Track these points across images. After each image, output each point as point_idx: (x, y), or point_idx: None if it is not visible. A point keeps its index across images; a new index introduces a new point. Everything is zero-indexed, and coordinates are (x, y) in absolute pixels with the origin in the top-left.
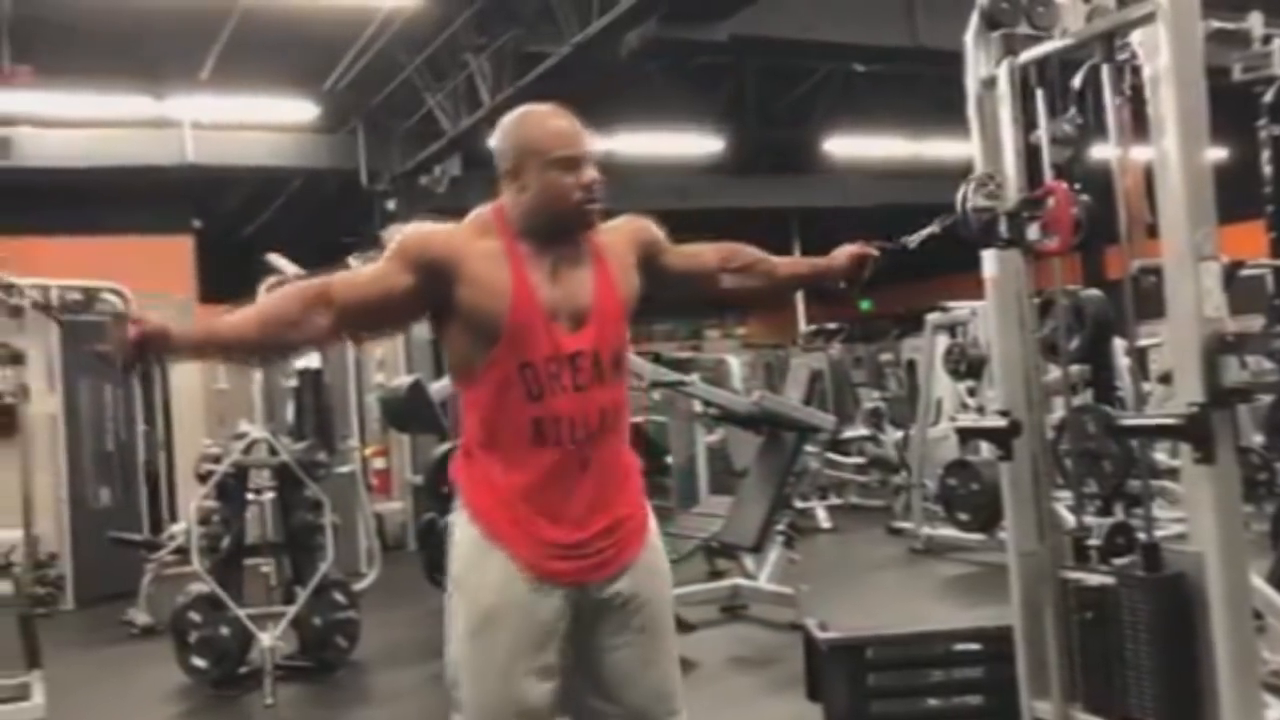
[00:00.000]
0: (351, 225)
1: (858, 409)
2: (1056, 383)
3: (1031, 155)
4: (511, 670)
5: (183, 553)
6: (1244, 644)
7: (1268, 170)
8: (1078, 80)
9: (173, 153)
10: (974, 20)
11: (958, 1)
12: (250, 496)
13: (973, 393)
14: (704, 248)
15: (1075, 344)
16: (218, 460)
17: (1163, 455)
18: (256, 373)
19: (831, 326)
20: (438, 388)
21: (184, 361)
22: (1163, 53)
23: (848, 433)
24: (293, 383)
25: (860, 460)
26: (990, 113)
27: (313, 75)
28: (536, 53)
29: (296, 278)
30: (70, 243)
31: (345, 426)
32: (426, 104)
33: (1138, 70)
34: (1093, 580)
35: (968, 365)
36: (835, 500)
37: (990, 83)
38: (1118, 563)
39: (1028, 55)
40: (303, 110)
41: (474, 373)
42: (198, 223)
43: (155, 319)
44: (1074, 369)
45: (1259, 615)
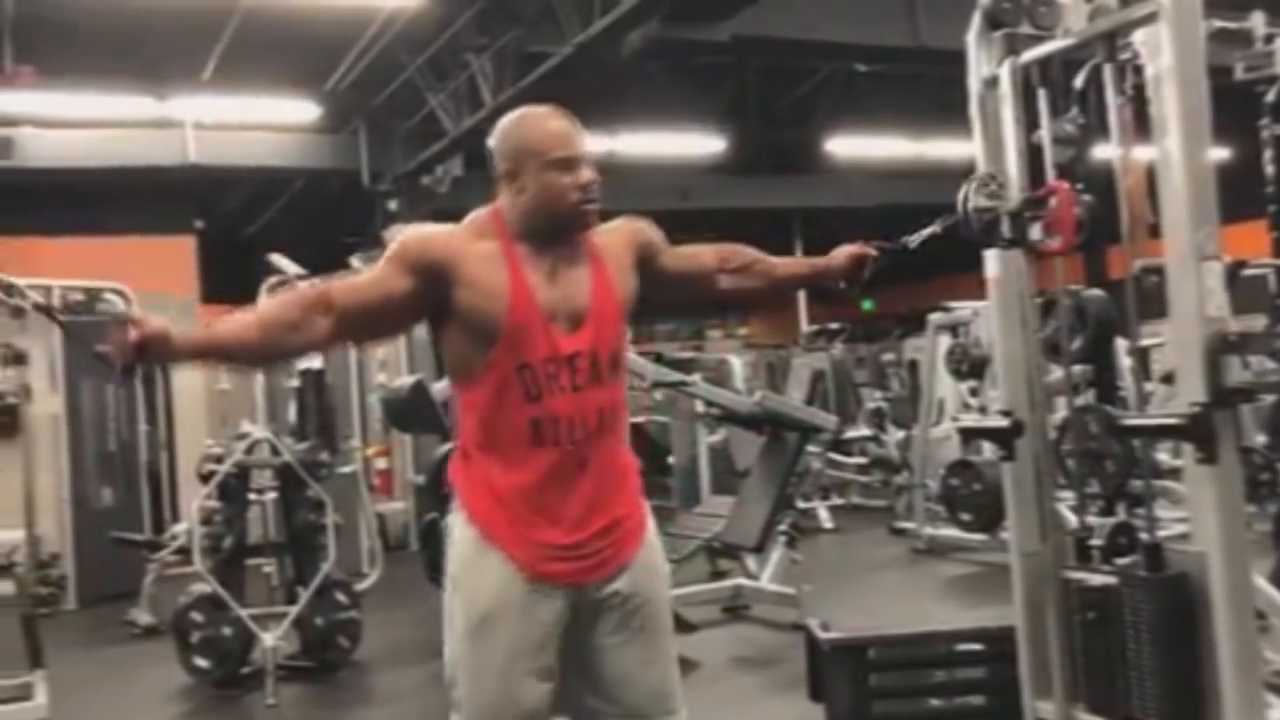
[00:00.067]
0: (353, 225)
1: (860, 409)
2: (1059, 383)
3: (1034, 155)
4: (509, 671)
5: (185, 553)
6: (1247, 644)
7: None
8: (1080, 80)
9: (175, 153)
10: (976, 20)
11: (959, 1)
12: (252, 496)
13: (975, 393)
14: (702, 249)
15: (1077, 344)
16: (220, 460)
17: (1165, 455)
18: (258, 374)
19: (833, 326)
20: (439, 388)
21: (184, 366)
22: (1165, 52)
23: (850, 433)
24: (295, 383)
25: (862, 460)
26: (992, 112)
27: (314, 75)
28: (538, 53)
29: (298, 278)
30: (72, 243)
31: (347, 426)
32: (428, 104)
33: (1140, 70)
34: (1095, 580)
35: (970, 365)
36: (837, 500)
37: (992, 82)
38: (1120, 563)
39: (1030, 55)
40: (304, 110)
41: (472, 374)
42: (200, 223)
43: (156, 322)
44: (1076, 369)
45: (1261, 615)
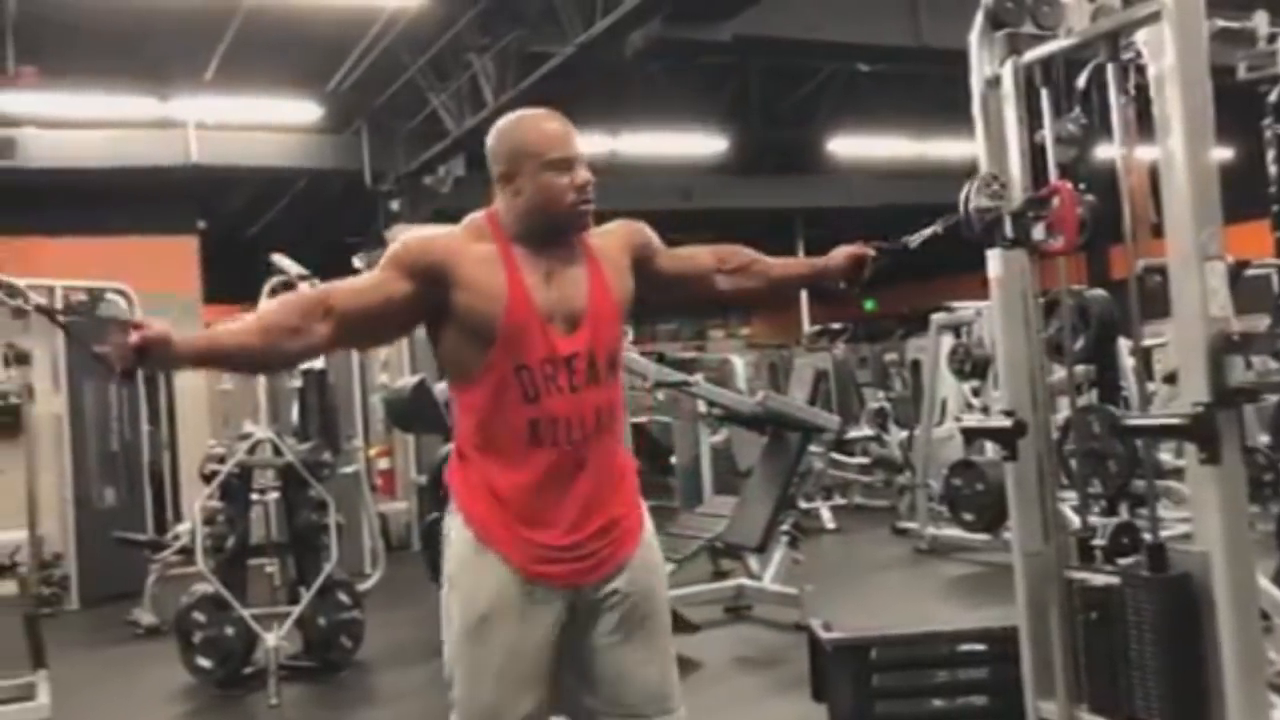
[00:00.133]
0: (356, 225)
1: (862, 409)
2: (1061, 383)
3: (1036, 155)
4: (507, 672)
5: (187, 553)
6: (1250, 644)
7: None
8: (1082, 80)
9: (177, 153)
10: (978, 20)
11: (962, 1)
12: (255, 497)
13: (977, 393)
14: (699, 250)
15: (1080, 344)
16: (222, 460)
17: (1168, 455)
18: (258, 377)
19: (836, 326)
20: (442, 388)
21: (185, 370)
22: (1167, 52)
23: (852, 433)
24: (297, 383)
25: (865, 460)
26: (995, 112)
27: (317, 76)
28: (540, 53)
29: (300, 278)
30: (74, 243)
31: (350, 427)
32: (430, 104)
33: (1142, 69)
34: (1098, 580)
35: (972, 365)
36: (840, 500)
37: (995, 82)
38: (1123, 563)
39: (1032, 55)
40: (307, 111)
41: (470, 375)
42: (202, 223)
43: (157, 325)
44: (1079, 369)
45: (1265, 616)
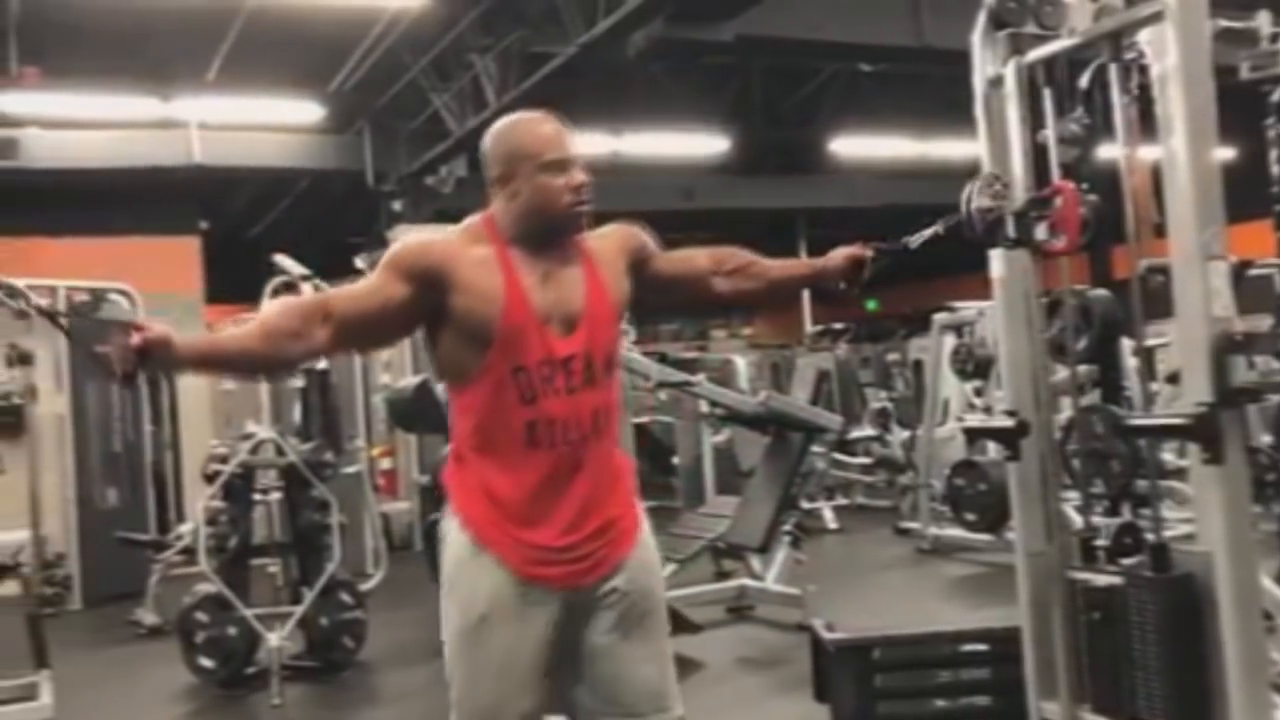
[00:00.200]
0: (358, 226)
1: (864, 409)
2: (1064, 383)
3: (1039, 155)
4: (504, 673)
5: (190, 553)
6: (1253, 644)
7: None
8: (1085, 79)
9: (179, 153)
10: (981, 20)
11: (964, 1)
12: (257, 497)
13: (980, 393)
14: (696, 252)
15: (1083, 344)
16: (225, 460)
17: (1170, 455)
18: (258, 381)
19: (838, 326)
20: (444, 388)
21: (186, 373)
22: (1170, 52)
23: (854, 433)
24: (300, 383)
25: (867, 460)
26: (997, 112)
27: (319, 76)
28: (542, 53)
29: (303, 278)
30: (77, 243)
31: (352, 427)
32: (432, 105)
33: (1145, 69)
34: (1101, 581)
35: (975, 365)
36: (842, 500)
37: (997, 82)
38: (1126, 563)
39: (1035, 54)
40: (309, 111)
41: (467, 377)
42: (204, 223)
43: (158, 327)
44: (1081, 369)
45: (1268, 616)
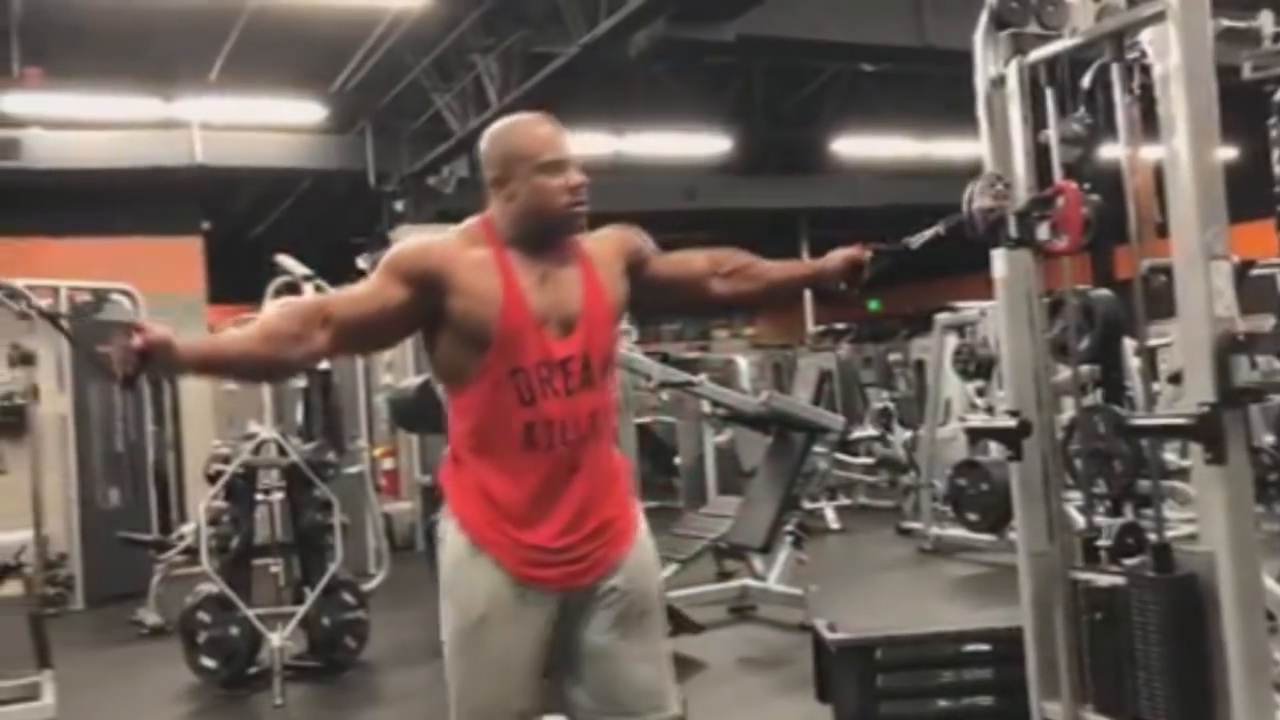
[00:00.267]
0: (360, 226)
1: (866, 409)
2: (1066, 383)
3: (1041, 155)
4: (502, 673)
5: (192, 553)
6: (1256, 645)
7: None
8: (1087, 79)
9: (181, 154)
10: (983, 19)
11: (966, 1)
12: (259, 497)
13: (982, 393)
14: (693, 254)
15: (1085, 344)
16: (227, 461)
17: (1173, 455)
18: (258, 385)
19: (840, 327)
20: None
21: (187, 376)
22: (1173, 51)
23: (856, 433)
24: (302, 383)
25: (869, 460)
26: (999, 112)
27: (321, 76)
28: (544, 53)
29: (305, 278)
30: (79, 244)
31: (354, 427)
32: (434, 105)
33: (1147, 69)
34: (1103, 581)
35: (977, 365)
36: (844, 501)
37: (999, 82)
38: (1128, 563)
39: (1037, 54)
40: (311, 111)
41: (465, 379)
42: (206, 224)
43: (160, 330)
44: (1084, 369)
45: (1271, 616)
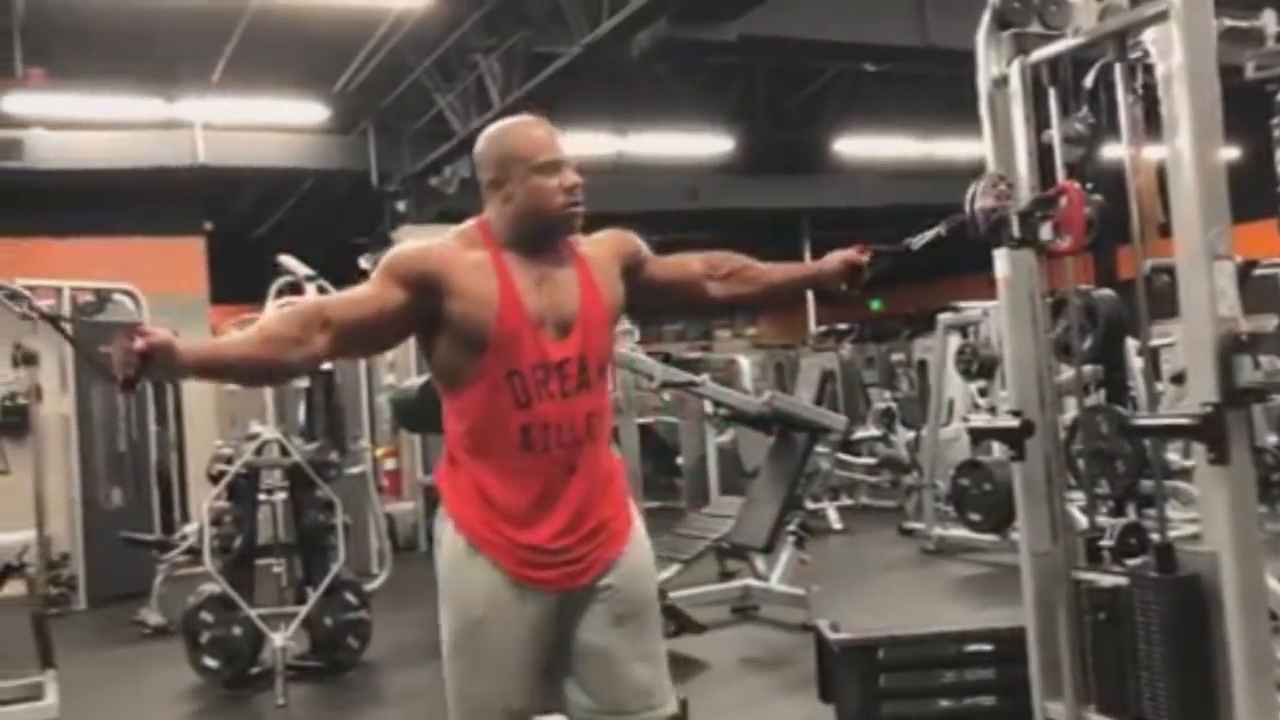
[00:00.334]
0: (362, 226)
1: (869, 409)
2: (1069, 383)
3: (1044, 154)
4: (499, 673)
5: (194, 553)
6: (1259, 645)
7: None
8: (1090, 79)
9: (184, 154)
10: (985, 19)
11: (968, 1)
12: (262, 497)
13: (984, 393)
14: (690, 257)
15: (1088, 344)
16: (230, 461)
17: (1175, 455)
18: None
19: (842, 327)
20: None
21: (188, 379)
22: (1175, 51)
23: (859, 433)
24: (304, 384)
25: (871, 461)
26: (1002, 112)
27: (323, 77)
28: (546, 53)
29: (307, 279)
30: (82, 244)
31: (356, 427)
32: (437, 105)
33: (1150, 69)
34: (1106, 581)
35: (980, 365)
36: (846, 501)
37: (1002, 82)
38: (1131, 563)
39: (1039, 54)
40: (313, 112)
41: (462, 381)
42: (209, 224)
43: (161, 332)
44: (1086, 369)
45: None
